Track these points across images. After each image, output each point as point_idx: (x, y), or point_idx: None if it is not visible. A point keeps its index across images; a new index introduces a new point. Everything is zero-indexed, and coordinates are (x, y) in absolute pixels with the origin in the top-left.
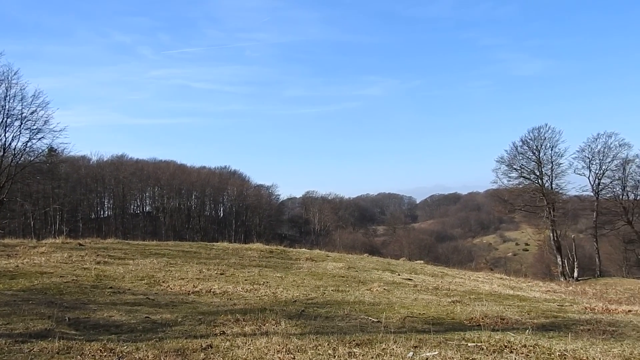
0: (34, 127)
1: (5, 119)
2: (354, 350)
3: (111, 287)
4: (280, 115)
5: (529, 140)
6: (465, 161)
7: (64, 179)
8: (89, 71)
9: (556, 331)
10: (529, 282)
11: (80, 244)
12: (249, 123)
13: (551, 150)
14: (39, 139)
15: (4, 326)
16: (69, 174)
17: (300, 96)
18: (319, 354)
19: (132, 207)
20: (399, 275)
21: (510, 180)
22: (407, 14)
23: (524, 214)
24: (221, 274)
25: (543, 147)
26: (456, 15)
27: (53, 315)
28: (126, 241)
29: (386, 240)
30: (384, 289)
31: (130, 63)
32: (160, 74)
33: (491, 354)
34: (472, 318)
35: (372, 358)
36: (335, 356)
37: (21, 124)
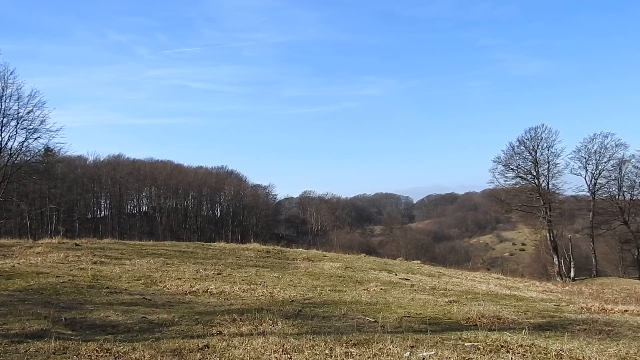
0: (30, 127)
1: (2, 118)
2: (350, 350)
3: (108, 287)
4: (279, 115)
5: (525, 141)
6: (462, 161)
7: (61, 179)
8: (87, 71)
9: (553, 331)
10: (526, 282)
11: (76, 244)
12: (247, 123)
13: (548, 150)
14: (35, 138)
15: (0, 326)
16: (65, 174)
17: (299, 96)
18: (316, 354)
19: (128, 207)
20: (395, 275)
21: (507, 180)
22: (407, 14)
23: (521, 214)
24: (218, 274)
25: (540, 147)
26: (455, 15)
27: (49, 316)
28: (123, 241)
29: (383, 240)
30: (381, 289)
31: (128, 63)
32: (157, 74)
33: (488, 354)
34: (468, 318)
35: (368, 358)
36: (332, 356)
37: (17, 123)
